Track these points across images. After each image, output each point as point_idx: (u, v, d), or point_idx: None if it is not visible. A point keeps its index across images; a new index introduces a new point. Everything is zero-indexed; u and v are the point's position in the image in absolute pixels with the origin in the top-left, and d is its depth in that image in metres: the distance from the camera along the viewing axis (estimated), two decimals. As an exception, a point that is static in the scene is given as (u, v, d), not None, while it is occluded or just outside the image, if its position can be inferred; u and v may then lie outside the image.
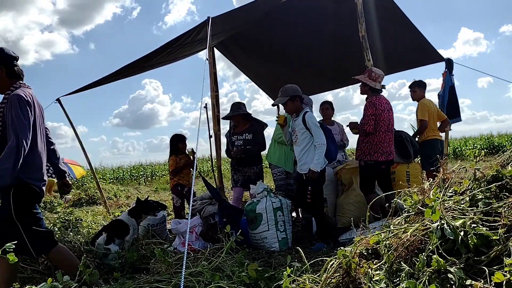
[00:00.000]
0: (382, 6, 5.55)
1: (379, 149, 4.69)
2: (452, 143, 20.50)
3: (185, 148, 6.22)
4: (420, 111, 5.95)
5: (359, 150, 4.86)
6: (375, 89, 4.77)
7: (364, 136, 4.77)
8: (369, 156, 4.71)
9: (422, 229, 2.05)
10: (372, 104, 4.66)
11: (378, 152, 4.69)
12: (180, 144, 6.19)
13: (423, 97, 6.10)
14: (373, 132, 4.66)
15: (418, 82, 6.18)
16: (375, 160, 4.71)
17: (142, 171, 21.51)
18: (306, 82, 8.42)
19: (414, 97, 6.17)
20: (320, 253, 3.87)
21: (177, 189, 6.03)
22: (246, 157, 5.65)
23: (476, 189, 2.23)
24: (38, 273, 3.59)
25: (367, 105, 4.70)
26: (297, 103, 4.60)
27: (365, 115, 4.69)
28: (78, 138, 7.58)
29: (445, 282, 1.77)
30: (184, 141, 6.24)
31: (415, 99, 6.18)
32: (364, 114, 4.72)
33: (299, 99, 4.62)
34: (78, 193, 12.13)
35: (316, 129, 4.41)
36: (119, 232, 4.42)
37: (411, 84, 6.22)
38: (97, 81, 6.49)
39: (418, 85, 6.15)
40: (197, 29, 5.45)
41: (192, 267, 3.01)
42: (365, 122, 4.68)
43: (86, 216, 7.34)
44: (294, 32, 6.85)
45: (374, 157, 4.69)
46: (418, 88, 6.12)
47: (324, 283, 2.17)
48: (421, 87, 6.15)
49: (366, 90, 4.82)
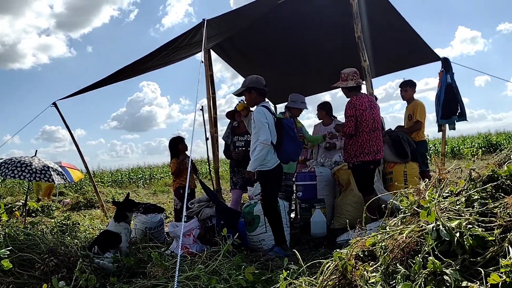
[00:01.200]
0: (378, 6, 5.56)
1: (364, 149, 4.62)
2: (449, 141, 20.49)
3: (184, 148, 6.22)
4: (420, 112, 5.96)
5: (346, 152, 4.84)
6: (351, 88, 4.75)
7: (348, 138, 4.73)
8: (355, 157, 4.66)
9: (417, 230, 2.04)
10: (351, 105, 4.61)
11: (364, 152, 4.62)
12: (180, 145, 6.19)
13: (412, 97, 6.15)
14: (354, 133, 4.61)
15: (409, 81, 6.20)
16: (361, 161, 4.64)
17: (141, 173, 21.47)
18: (303, 82, 8.44)
19: (406, 96, 6.20)
20: (318, 255, 3.85)
21: (179, 192, 6.03)
22: (245, 158, 5.61)
23: (472, 189, 2.23)
24: (34, 279, 3.56)
25: (346, 106, 4.66)
26: (253, 95, 4.32)
27: (345, 117, 4.65)
28: (74, 141, 7.59)
29: (441, 284, 1.76)
30: (182, 142, 6.24)
31: (405, 98, 6.21)
32: (344, 115, 4.68)
33: (256, 91, 4.32)
34: (76, 196, 12.10)
35: (259, 125, 4.10)
36: (110, 242, 4.38)
37: (402, 83, 6.24)
38: (94, 84, 6.48)
39: (410, 84, 6.18)
40: (193, 31, 5.45)
41: (188, 270, 2.99)
42: (345, 124, 4.66)
43: (83, 220, 7.33)
44: (291, 33, 6.85)
45: (360, 158, 4.62)
46: (410, 88, 6.16)
47: (321, 285, 2.16)
48: (412, 86, 6.19)
49: (345, 92, 4.84)
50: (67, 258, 3.76)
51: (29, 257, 3.73)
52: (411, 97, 6.17)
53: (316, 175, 5.50)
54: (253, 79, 4.37)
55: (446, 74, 6.29)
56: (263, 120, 4.11)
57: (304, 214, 5.44)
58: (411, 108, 6.06)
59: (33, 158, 6.49)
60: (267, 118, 4.15)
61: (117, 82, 6.91)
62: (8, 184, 16.54)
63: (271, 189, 4.30)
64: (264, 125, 4.08)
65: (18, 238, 3.97)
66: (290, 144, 4.26)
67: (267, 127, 4.09)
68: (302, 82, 8.40)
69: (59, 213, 8.24)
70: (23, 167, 6.07)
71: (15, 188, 16.05)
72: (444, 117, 6.23)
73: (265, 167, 4.18)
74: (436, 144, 19.75)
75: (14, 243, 3.78)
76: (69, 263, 3.72)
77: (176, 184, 6.18)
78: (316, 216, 5.07)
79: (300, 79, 8.28)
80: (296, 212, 6.26)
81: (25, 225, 4.84)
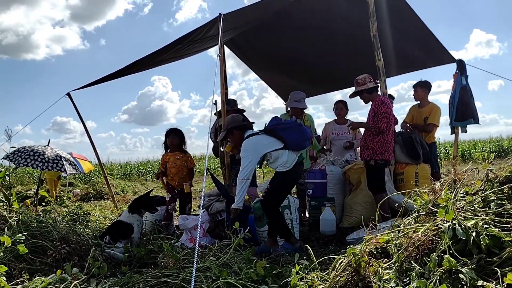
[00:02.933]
0: (394, 6, 5.52)
1: (389, 148, 4.69)
2: (460, 145, 20.36)
3: (174, 142, 5.62)
4: (436, 116, 5.96)
5: (369, 149, 4.76)
6: (372, 89, 4.80)
7: (375, 135, 4.71)
8: (380, 155, 4.66)
9: (433, 229, 2.04)
10: (382, 102, 4.67)
11: (388, 151, 4.68)
12: (167, 138, 5.63)
13: (424, 98, 6.11)
14: (386, 130, 4.64)
15: (421, 82, 6.16)
16: (385, 159, 4.69)
17: (150, 167, 21.63)
18: (315, 81, 8.42)
19: (416, 97, 6.19)
20: (327, 252, 3.85)
21: (169, 186, 5.62)
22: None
23: (489, 190, 2.21)
24: (46, 265, 3.60)
25: (378, 103, 4.68)
26: (236, 135, 4.41)
27: (378, 113, 4.65)
28: (87, 132, 7.64)
29: (456, 283, 1.76)
30: (170, 135, 5.64)
31: (417, 99, 6.20)
32: (377, 112, 4.68)
33: (237, 130, 4.40)
34: (86, 187, 12.22)
35: (242, 161, 4.17)
36: (122, 233, 4.43)
37: (415, 84, 6.21)
38: (108, 75, 6.52)
39: (420, 85, 6.14)
40: (209, 25, 5.46)
41: (199, 262, 3.01)
42: (379, 120, 4.64)
43: (94, 210, 7.40)
44: (305, 31, 6.83)
45: (385, 156, 4.67)
46: (420, 88, 6.12)
47: (333, 281, 2.16)
48: (423, 87, 6.13)
49: (365, 96, 4.86)
50: (79, 246, 3.81)
51: (41, 244, 3.78)
52: (422, 98, 6.11)
53: (327, 173, 5.49)
54: (229, 120, 4.52)
55: (461, 77, 6.24)
56: (246, 153, 4.17)
57: (313, 212, 5.43)
58: (428, 110, 6.00)
59: (46, 147, 6.56)
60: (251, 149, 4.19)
61: (131, 73, 6.95)
62: (19, 173, 16.73)
63: (280, 192, 4.33)
64: (245, 159, 4.13)
65: (31, 225, 4.03)
66: (289, 133, 4.24)
67: (249, 161, 4.12)
68: (313, 80, 8.38)
69: (70, 203, 8.32)
70: (35, 156, 6.14)
71: (25, 178, 16.23)
72: (458, 119, 6.18)
73: (284, 168, 4.22)
74: (447, 147, 19.61)
75: (27, 230, 3.83)
76: (81, 251, 3.77)
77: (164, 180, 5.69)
78: (326, 214, 5.07)
79: (311, 77, 8.26)
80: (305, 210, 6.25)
81: (37, 213, 4.89)
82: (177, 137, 5.65)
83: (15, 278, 3.14)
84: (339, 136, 6.31)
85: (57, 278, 2.83)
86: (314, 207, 5.43)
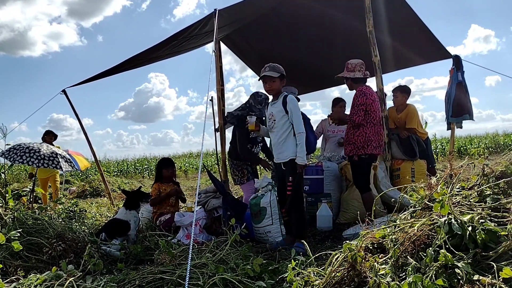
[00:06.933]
0: (390, 1, 5.50)
1: (372, 141, 4.45)
2: (456, 141, 20.40)
3: (169, 174, 5.41)
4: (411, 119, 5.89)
5: (351, 144, 4.53)
6: (357, 79, 4.57)
7: (355, 128, 4.49)
8: (362, 149, 4.43)
9: (429, 223, 2.04)
10: (362, 93, 4.43)
11: (372, 145, 4.44)
12: (164, 170, 5.40)
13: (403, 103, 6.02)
14: (362, 123, 4.43)
15: (401, 87, 6.12)
16: (369, 154, 4.45)
17: (146, 164, 21.59)
18: (312, 76, 8.39)
19: (396, 102, 6.09)
20: (324, 248, 3.85)
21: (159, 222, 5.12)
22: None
23: (485, 184, 2.22)
24: (42, 263, 3.59)
25: (357, 94, 4.46)
26: (283, 84, 4.22)
27: (355, 105, 4.44)
28: (83, 129, 7.62)
29: (452, 277, 1.76)
30: (169, 167, 5.45)
31: (396, 104, 6.10)
32: (354, 103, 4.47)
33: (283, 79, 4.21)
34: (83, 185, 12.18)
35: (297, 115, 4.01)
36: (119, 230, 4.42)
37: (395, 88, 6.15)
38: (103, 72, 6.48)
39: (400, 90, 6.09)
40: (204, 21, 5.43)
41: (196, 259, 3.01)
42: (354, 112, 4.43)
43: (90, 208, 7.38)
44: (301, 26, 6.81)
45: (368, 150, 4.42)
46: (400, 94, 6.05)
47: (329, 276, 2.16)
48: (403, 92, 6.06)
49: (349, 83, 4.64)
50: (75, 244, 3.80)
51: (37, 241, 3.78)
52: (402, 103, 6.02)
53: (323, 170, 5.49)
54: (282, 68, 4.19)
55: (457, 72, 6.24)
56: (299, 108, 4.11)
57: (310, 208, 5.43)
58: (405, 115, 5.94)
59: (42, 144, 6.53)
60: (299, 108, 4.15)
61: (127, 70, 6.92)
62: (15, 171, 16.67)
63: (302, 179, 4.24)
64: (300, 115, 4.06)
65: (27, 222, 4.01)
66: (311, 135, 4.31)
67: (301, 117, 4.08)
68: (310, 76, 8.36)
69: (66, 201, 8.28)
70: (31, 153, 6.11)
71: (21, 175, 16.18)
72: (454, 115, 6.18)
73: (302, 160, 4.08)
74: (443, 143, 19.67)
75: (23, 227, 3.82)
76: (77, 248, 3.76)
77: (155, 215, 5.22)
78: (323, 210, 5.07)
79: (308, 73, 8.24)
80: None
81: (33, 210, 4.87)
82: (173, 170, 5.55)
83: (11, 275, 3.12)
84: (334, 134, 6.32)
85: (52, 275, 2.82)
86: (310, 203, 5.43)
